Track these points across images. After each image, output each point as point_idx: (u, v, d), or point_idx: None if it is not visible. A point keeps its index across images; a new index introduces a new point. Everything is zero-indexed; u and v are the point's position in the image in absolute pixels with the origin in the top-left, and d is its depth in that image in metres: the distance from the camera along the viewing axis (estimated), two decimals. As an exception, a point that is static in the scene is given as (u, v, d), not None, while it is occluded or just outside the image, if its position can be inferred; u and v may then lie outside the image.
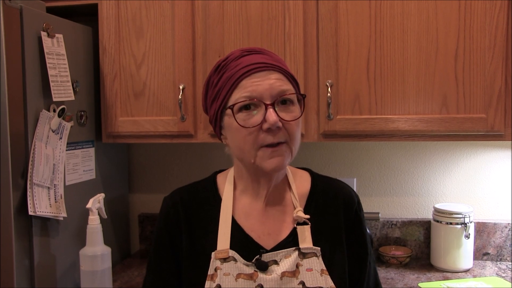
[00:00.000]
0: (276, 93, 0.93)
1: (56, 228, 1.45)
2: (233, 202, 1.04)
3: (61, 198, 1.44)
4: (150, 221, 2.00)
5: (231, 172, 1.08)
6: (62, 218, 1.43)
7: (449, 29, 1.45)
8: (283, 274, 0.96)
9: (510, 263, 1.75)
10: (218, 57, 1.56)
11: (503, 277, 1.61)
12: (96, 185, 1.68)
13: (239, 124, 0.94)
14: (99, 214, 1.43)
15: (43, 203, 1.36)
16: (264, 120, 0.92)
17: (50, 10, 1.51)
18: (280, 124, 0.92)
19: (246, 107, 0.94)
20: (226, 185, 1.06)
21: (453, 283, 1.56)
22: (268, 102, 0.92)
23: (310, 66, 1.53)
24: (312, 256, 0.98)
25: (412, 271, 1.70)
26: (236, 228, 1.02)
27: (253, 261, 0.97)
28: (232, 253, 0.98)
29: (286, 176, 1.06)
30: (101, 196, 1.45)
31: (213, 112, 1.00)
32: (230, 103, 0.95)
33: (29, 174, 1.32)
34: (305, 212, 1.02)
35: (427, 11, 1.46)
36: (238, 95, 0.94)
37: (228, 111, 0.95)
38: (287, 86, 0.96)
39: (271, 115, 0.91)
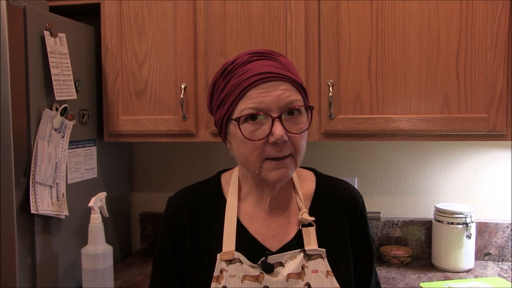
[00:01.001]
0: (284, 105, 0.91)
1: (58, 227, 1.46)
2: (238, 203, 1.03)
3: (63, 196, 1.44)
4: (151, 220, 2.00)
5: (235, 173, 1.07)
6: (64, 217, 1.44)
7: (450, 28, 1.45)
8: (288, 276, 0.96)
9: (512, 263, 1.76)
10: (220, 56, 1.56)
11: (504, 277, 1.61)
12: (97, 183, 1.69)
13: (245, 137, 0.92)
14: (100, 212, 1.44)
15: (45, 201, 1.36)
16: (271, 133, 0.90)
17: (53, 9, 1.52)
18: (286, 138, 0.91)
19: (252, 118, 0.92)
20: (230, 186, 1.06)
21: (455, 283, 1.56)
22: (275, 115, 0.90)
23: (312, 66, 1.54)
24: (317, 258, 0.98)
25: (413, 271, 1.70)
26: (241, 230, 1.01)
27: (259, 263, 0.97)
28: (237, 255, 0.98)
29: (290, 177, 1.05)
30: (103, 195, 1.45)
31: (219, 118, 0.98)
32: (236, 113, 0.93)
33: (31, 173, 1.33)
34: (310, 213, 1.02)
35: (428, 11, 1.46)
36: (244, 106, 0.92)
37: (234, 122, 0.94)
38: (295, 97, 0.93)
39: (278, 129, 0.89)
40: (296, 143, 0.93)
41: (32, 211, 1.32)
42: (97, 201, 1.43)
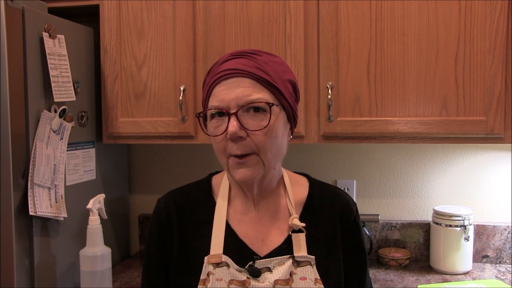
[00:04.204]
0: (243, 102, 0.90)
1: (57, 228, 1.45)
2: (228, 206, 1.02)
3: (62, 198, 1.44)
4: (150, 222, 2.00)
5: (226, 175, 1.05)
6: (62, 219, 1.44)
7: (449, 31, 1.45)
8: (276, 282, 0.95)
9: (510, 265, 1.75)
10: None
11: (502, 279, 1.61)
12: (96, 185, 1.69)
13: (206, 133, 0.96)
14: (99, 214, 1.44)
15: (43, 203, 1.36)
16: (227, 129, 0.90)
17: (51, 11, 1.52)
18: (241, 133, 0.89)
19: (219, 114, 0.93)
20: (221, 188, 1.04)
21: (453, 286, 1.56)
22: (232, 111, 0.90)
23: (311, 68, 1.54)
24: (306, 265, 0.96)
25: (412, 273, 1.70)
26: (229, 233, 1.00)
27: (246, 267, 0.95)
28: (225, 258, 0.96)
29: (282, 181, 1.04)
30: (101, 197, 1.45)
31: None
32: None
33: (30, 174, 1.33)
34: (301, 219, 1.00)
35: (427, 14, 1.46)
36: (211, 104, 0.94)
37: (198, 117, 0.97)
38: (258, 95, 0.90)
39: (231, 125, 0.89)
40: (257, 140, 0.91)
41: (31, 213, 1.32)
42: (96, 203, 1.43)
